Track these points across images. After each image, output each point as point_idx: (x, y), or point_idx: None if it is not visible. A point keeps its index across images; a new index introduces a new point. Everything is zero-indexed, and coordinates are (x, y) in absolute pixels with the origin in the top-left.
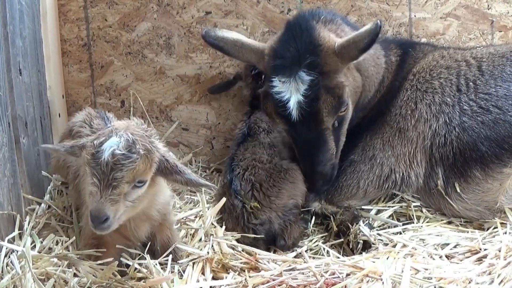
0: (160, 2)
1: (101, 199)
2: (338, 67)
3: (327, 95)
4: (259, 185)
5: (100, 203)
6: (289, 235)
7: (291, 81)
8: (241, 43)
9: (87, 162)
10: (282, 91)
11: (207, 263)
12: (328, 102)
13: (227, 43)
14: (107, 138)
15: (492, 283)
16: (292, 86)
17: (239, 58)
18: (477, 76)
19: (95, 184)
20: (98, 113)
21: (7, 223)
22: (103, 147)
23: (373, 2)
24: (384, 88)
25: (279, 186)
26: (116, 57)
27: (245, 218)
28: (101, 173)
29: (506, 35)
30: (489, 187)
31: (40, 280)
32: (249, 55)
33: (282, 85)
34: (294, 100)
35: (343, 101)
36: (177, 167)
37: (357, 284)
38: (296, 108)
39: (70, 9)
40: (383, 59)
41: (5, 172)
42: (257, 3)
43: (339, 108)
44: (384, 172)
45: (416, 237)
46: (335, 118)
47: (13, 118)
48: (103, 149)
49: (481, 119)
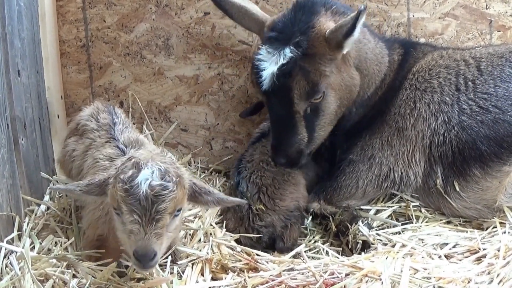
0: (159, 3)
1: (146, 235)
2: (326, 53)
3: (301, 77)
4: (265, 188)
5: (145, 240)
6: (288, 236)
7: (275, 53)
8: (245, 10)
9: (122, 200)
10: (264, 60)
11: (206, 264)
12: (301, 84)
13: (233, 6)
14: (135, 170)
15: (491, 282)
16: (274, 58)
17: (242, 24)
18: (476, 75)
19: (135, 221)
20: (106, 107)
21: (6, 224)
22: (137, 180)
23: (371, 2)
24: (385, 85)
25: (283, 188)
26: (115, 58)
27: (251, 219)
28: (141, 209)
29: (504, 34)
30: (488, 186)
31: (39, 281)
32: (251, 24)
33: (266, 55)
34: (269, 71)
35: (317, 89)
36: (205, 189)
37: (356, 284)
38: (269, 79)
39: (68, 10)
40: (387, 58)
41: (4, 173)
42: (256, 3)
43: (311, 94)
44: (383, 171)
45: (415, 237)
46: (307, 104)
47: (12, 119)
48: (138, 183)
49: (480, 119)
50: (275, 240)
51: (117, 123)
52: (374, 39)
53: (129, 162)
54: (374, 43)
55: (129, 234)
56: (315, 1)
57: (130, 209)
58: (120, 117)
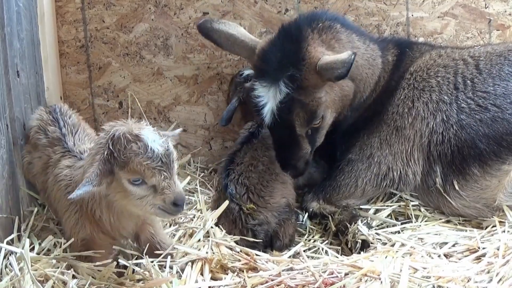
0: (158, 3)
1: (176, 185)
2: (318, 83)
3: (300, 110)
4: (253, 187)
5: (178, 188)
6: (284, 233)
7: (271, 88)
8: (234, 39)
9: (147, 167)
10: (261, 95)
11: (206, 264)
12: (301, 116)
13: (220, 36)
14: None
15: (490, 281)
16: (270, 93)
17: (232, 51)
18: (475, 74)
19: (165, 177)
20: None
21: (5, 225)
22: (150, 146)
23: (370, 1)
24: (380, 87)
25: (271, 186)
26: (114, 58)
27: (243, 220)
28: (163, 165)
29: (503, 33)
30: (487, 184)
31: (39, 281)
32: (240, 51)
33: (262, 89)
34: (269, 107)
35: (316, 116)
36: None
37: (355, 284)
38: (270, 115)
39: (67, 10)
40: (380, 60)
41: (4, 174)
42: (254, 4)
43: (311, 122)
44: (382, 170)
45: (415, 236)
46: (308, 128)
47: (11, 120)
48: (151, 148)
49: (479, 117)
50: (272, 239)
51: (66, 133)
52: (363, 43)
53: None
54: (364, 47)
55: (163, 190)
56: (300, 24)
57: (157, 170)
58: (67, 122)
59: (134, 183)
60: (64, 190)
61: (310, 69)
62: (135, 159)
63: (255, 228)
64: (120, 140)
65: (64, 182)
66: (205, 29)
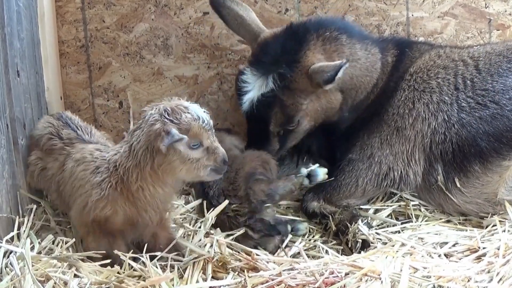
0: (158, 2)
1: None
2: (307, 88)
3: (278, 109)
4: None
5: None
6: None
7: (259, 78)
8: (241, 20)
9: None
10: (248, 82)
11: (208, 263)
12: (277, 117)
13: (229, 13)
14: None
15: (491, 281)
16: (257, 83)
17: (236, 32)
18: (474, 74)
19: (215, 140)
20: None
21: (6, 224)
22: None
23: (370, 1)
24: (378, 89)
25: (235, 171)
26: (114, 58)
27: (236, 223)
28: (211, 129)
29: (503, 33)
30: (488, 180)
31: (39, 281)
32: (245, 34)
33: (251, 77)
34: (250, 96)
35: (292, 120)
36: None
37: (356, 283)
38: (249, 104)
39: (67, 10)
40: (379, 64)
41: (4, 173)
42: (255, 3)
43: (286, 124)
44: (383, 170)
45: (415, 236)
46: (281, 129)
47: (11, 119)
48: (200, 116)
49: (479, 115)
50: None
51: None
52: (365, 51)
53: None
54: (365, 56)
55: (214, 151)
56: (308, 27)
57: (211, 133)
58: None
59: (193, 147)
60: (91, 170)
61: (302, 72)
62: (195, 124)
63: (248, 222)
64: (175, 111)
65: (92, 165)
66: (217, 4)
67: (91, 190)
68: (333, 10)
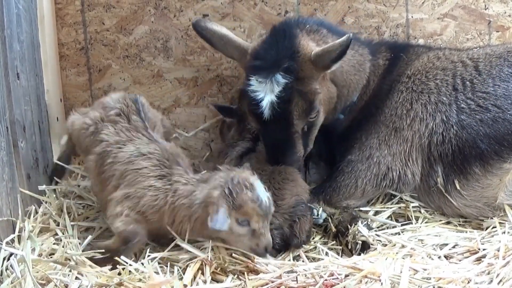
0: (157, 5)
1: (268, 234)
2: (313, 74)
3: (299, 99)
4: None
5: (270, 237)
6: (301, 230)
7: (267, 82)
8: (227, 39)
9: (256, 214)
10: (258, 90)
11: (207, 266)
12: (300, 106)
13: (214, 35)
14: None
15: (491, 283)
16: (267, 86)
17: (224, 52)
18: (474, 75)
19: (265, 225)
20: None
21: (6, 227)
22: (262, 198)
23: (370, 3)
24: (370, 91)
25: (282, 188)
26: (114, 60)
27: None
28: (265, 215)
29: (503, 35)
30: (488, 183)
31: (40, 284)
32: (233, 52)
33: (258, 85)
34: (268, 100)
35: (314, 106)
36: None
37: (356, 285)
38: (268, 108)
39: (67, 12)
40: (368, 64)
41: (4, 176)
42: (254, 6)
43: (309, 113)
44: (381, 170)
45: (415, 237)
46: (305, 123)
47: (11, 122)
48: (260, 197)
49: (480, 117)
50: (288, 239)
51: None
52: (351, 49)
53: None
54: (351, 53)
55: (259, 236)
56: (290, 24)
57: (262, 218)
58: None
59: (240, 223)
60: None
61: (305, 59)
62: (250, 204)
63: (271, 232)
64: (239, 185)
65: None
66: (199, 28)
67: (149, 190)
68: (332, 11)
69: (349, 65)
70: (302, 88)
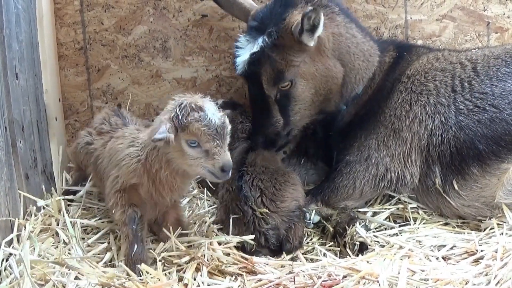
0: (156, 5)
1: (225, 154)
2: (293, 45)
3: (268, 66)
4: (266, 191)
5: (227, 157)
6: (294, 236)
7: (251, 42)
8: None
9: (203, 133)
10: (241, 47)
11: (204, 267)
12: (268, 72)
13: None
14: (199, 110)
15: (488, 284)
16: (249, 46)
17: (230, 12)
18: (472, 77)
19: (217, 144)
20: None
21: (4, 227)
22: (210, 117)
23: (369, 4)
24: (375, 85)
25: (283, 189)
26: (113, 60)
27: (256, 223)
28: (217, 135)
29: (502, 36)
30: (486, 183)
31: (38, 284)
32: (239, 13)
33: (244, 42)
34: (242, 58)
35: (282, 77)
36: None
37: (353, 286)
38: (241, 65)
39: (66, 12)
40: (377, 58)
41: (2, 176)
42: None
43: (278, 81)
44: (380, 171)
45: (413, 238)
46: (276, 90)
47: (10, 122)
48: (210, 118)
49: (478, 118)
50: (281, 242)
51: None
52: (363, 36)
53: (187, 106)
54: (361, 38)
55: (213, 156)
56: None
57: (212, 137)
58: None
59: (191, 145)
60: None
61: (287, 28)
62: (194, 124)
63: (267, 232)
64: (186, 107)
65: (128, 139)
66: None
67: (124, 159)
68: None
69: (358, 48)
70: (275, 55)
